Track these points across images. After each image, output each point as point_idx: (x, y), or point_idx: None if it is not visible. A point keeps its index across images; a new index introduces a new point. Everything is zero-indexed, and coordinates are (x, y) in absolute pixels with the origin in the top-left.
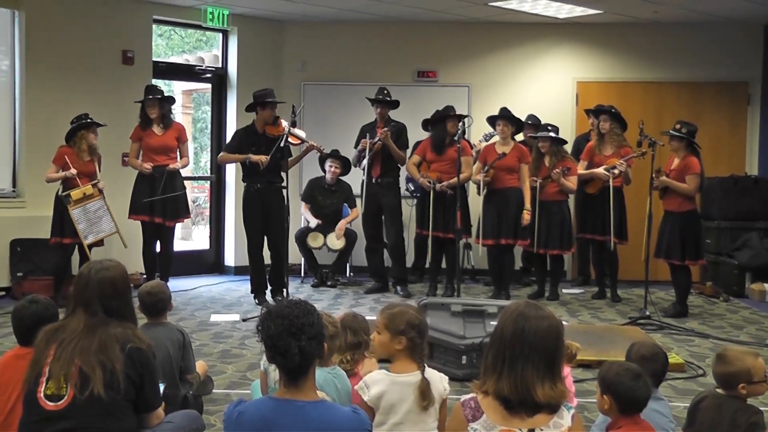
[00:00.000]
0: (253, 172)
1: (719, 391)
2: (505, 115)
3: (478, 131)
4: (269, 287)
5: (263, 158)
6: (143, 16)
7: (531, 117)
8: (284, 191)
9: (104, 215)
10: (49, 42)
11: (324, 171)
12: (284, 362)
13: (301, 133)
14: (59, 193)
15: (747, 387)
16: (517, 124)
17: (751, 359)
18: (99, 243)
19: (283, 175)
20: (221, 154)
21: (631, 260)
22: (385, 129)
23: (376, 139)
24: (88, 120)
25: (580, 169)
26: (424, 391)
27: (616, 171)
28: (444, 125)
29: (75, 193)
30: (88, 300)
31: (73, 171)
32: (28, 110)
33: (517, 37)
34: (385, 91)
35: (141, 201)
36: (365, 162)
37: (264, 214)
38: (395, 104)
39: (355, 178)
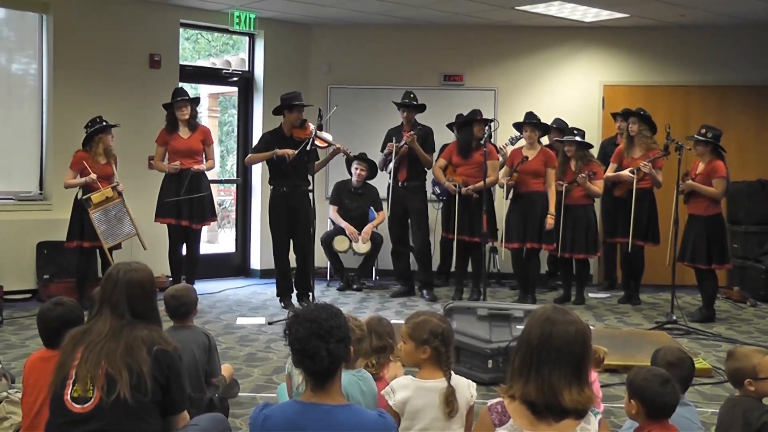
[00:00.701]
0: (280, 174)
1: (736, 394)
2: (530, 120)
3: (504, 135)
4: (295, 291)
5: (289, 151)
6: (170, 20)
7: (557, 121)
8: (311, 194)
9: (124, 218)
10: (76, 46)
11: (350, 174)
12: (312, 365)
13: (328, 136)
14: (79, 196)
15: (754, 383)
16: (543, 129)
17: (758, 356)
18: (118, 246)
19: (310, 178)
20: (248, 156)
21: (657, 264)
22: (412, 132)
23: (403, 142)
24: (104, 123)
25: (610, 171)
26: (449, 398)
27: (641, 172)
28: (470, 129)
29: (95, 197)
30: (115, 302)
31: (93, 176)
32: (55, 113)
33: (544, 40)
34: (412, 95)
35: (168, 203)
36: (391, 165)
37: (290, 218)
38: (422, 108)
39: (382, 182)
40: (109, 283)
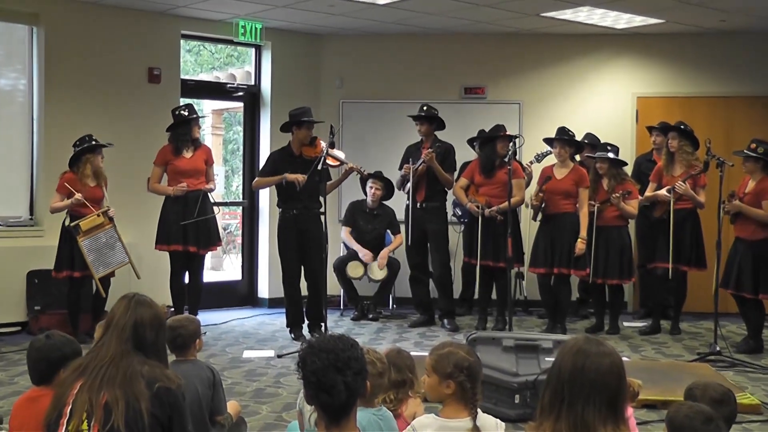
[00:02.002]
0: (289, 196)
1: None
2: (562, 137)
3: (529, 152)
4: (306, 321)
5: (300, 177)
6: (171, 30)
7: (589, 136)
8: (322, 217)
9: (116, 245)
10: (68, 60)
11: (365, 194)
12: (329, 400)
13: (340, 155)
14: (66, 223)
15: None
16: (575, 146)
17: None
18: (110, 275)
19: (322, 199)
20: (256, 179)
21: (698, 290)
22: (430, 150)
23: (419, 162)
24: (93, 142)
25: (649, 191)
26: None
27: (677, 192)
28: (493, 146)
29: (85, 223)
30: (123, 326)
31: (79, 196)
32: (46, 132)
33: (572, 49)
34: (425, 107)
35: (173, 227)
36: (409, 185)
37: (301, 242)
38: (435, 119)
39: (399, 202)
40: (120, 306)
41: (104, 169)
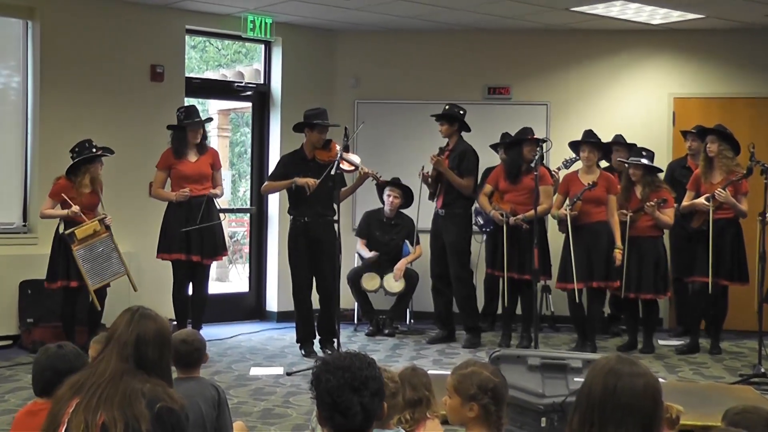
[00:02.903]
0: (301, 202)
1: None
2: (590, 140)
3: (557, 156)
4: (318, 336)
5: (311, 181)
6: (174, 25)
7: (619, 137)
8: (336, 225)
9: (112, 255)
10: (66, 56)
11: (382, 202)
12: (344, 422)
13: (356, 159)
14: (60, 230)
15: None
16: (604, 150)
17: None
18: (106, 286)
19: (335, 206)
20: (265, 183)
21: (741, 306)
22: (437, 154)
23: (427, 169)
24: (93, 150)
25: (686, 201)
26: None
27: (716, 201)
28: (520, 150)
29: (80, 231)
30: (124, 341)
31: (76, 209)
32: (41, 134)
33: (604, 46)
34: (446, 107)
35: (176, 235)
36: (431, 191)
37: (312, 252)
38: (459, 120)
39: (425, 211)
40: (122, 319)
41: (101, 175)
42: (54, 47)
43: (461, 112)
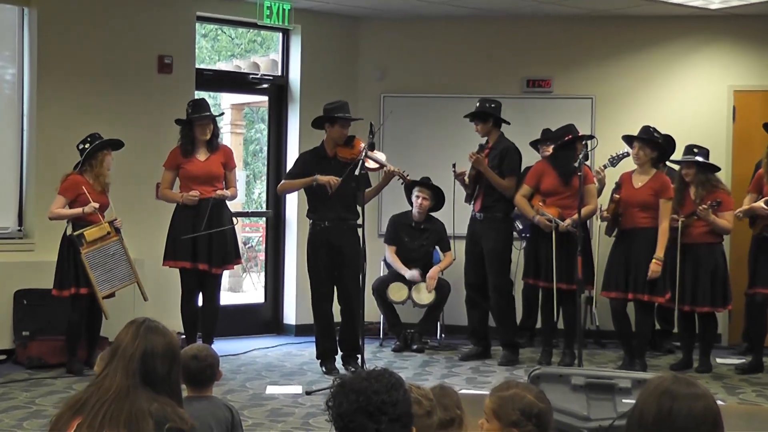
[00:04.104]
0: (321, 204)
1: None
2: (643, 135)
3: (602, 155)
4: (339, 352)
5: (333, 179)
6: (184, 12)
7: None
8: (360, 230)
9: (121, 261)
10: (65, 46)
11: (411, 204)
12: None
13: (381, 157)
14: (68, 232)
15: None
16: (659, 149)
17: None
18: (111, 295)
19: (359, 209)
20: (282, 182)
21: None
22: (476, 152)
23: (460, 166)
24: (104, 139)
25: (747, 203)
26: None
27: None
28: (573, 149)
29: (90, 233)
30: (130, 354)
31: (95, 205)
32: (39, 130)
33: (655, 34)
34: (477, 104)
35: (182, 241)
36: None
37: (333, 259)
38: (491, 114)
39: (464, 215)
40: (127, 332)
41: (109, 176)
42: (52, 36)
43: (492, 105)
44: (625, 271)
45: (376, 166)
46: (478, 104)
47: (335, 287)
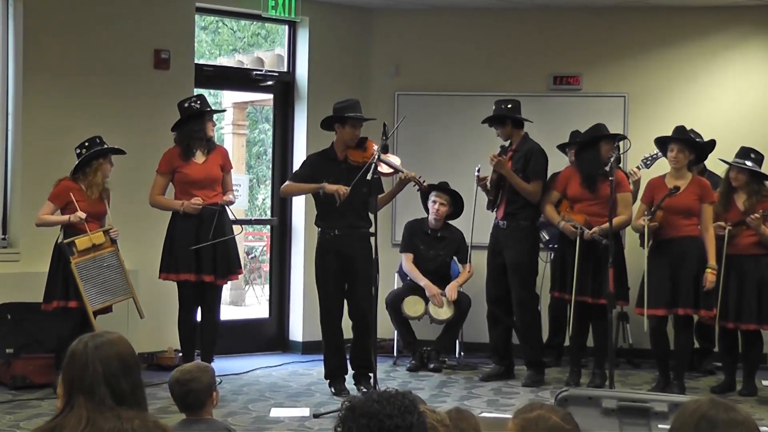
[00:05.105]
0: (330, 211)
1: None
2: (680, 136)
3: (636, 157)
4: (350, 371)
5: (342, 188)
6: (182, 3)
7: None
8: (372, 239)
9: (116, 274)
10: (54, 40)
11: (426, 210)
12: None
13: (395, 160)
14: (59, 240)
15: None
16: (698, 151)
17: None
18: (107, 310)
19: (371, 217)
20: (285, 184)
21: None
22: (497, 155)
23: (484, 171)
24: (105, 146)
25: None
26: None
27: None
28: (596, 151)
29: (81, 242)
30: (91, 385)
31: (82, 215)
32: (24, 131)
33: (693, 26)
34: (493, 106)
35: (183, 252)
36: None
37: (344, 270)
38: (507, 117)
39: (486, 223)
40: (76, 364)
41: (109, 182)
42: (40, 28)
43: (509, 106)
44: (672, 286)
45: (390, 170)
46: (494, 107)
47: (346, 301)
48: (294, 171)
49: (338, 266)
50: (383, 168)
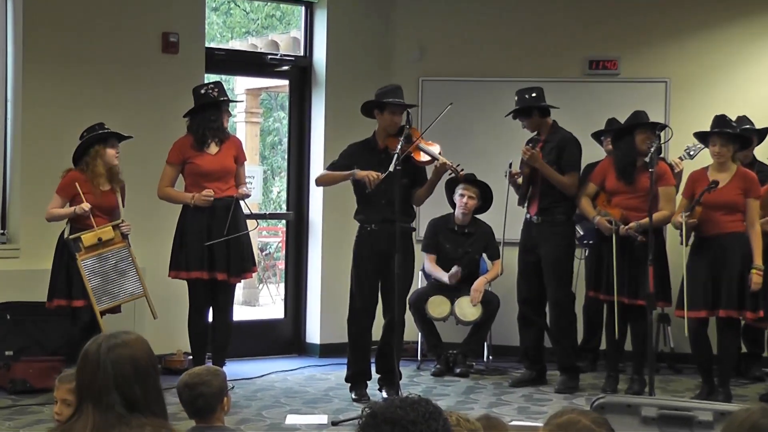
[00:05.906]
0: (366, 204)
1: None
2: (721, 128)
3: (678, 147)
4: (374, 376)
5: (372, 174)
6: None
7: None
8: (413, 234)
9: (128, 270)
10: (56, 27)
11: (452, 205)
12: None
13: (434, 149)
14: (65, 235)
15: None
16: (741, 142)
17: None
18: (116, 309)
19: (413, 209)
20: (320, 173)
21: None
22: (530, 146)
23: (514, 168)
24: (105, 130)
25: None
26: None
27: None
28: (632, 139)
29: (87, 237)
30: (100, 391)
31: (86, 206)
32: (25, 121)
33: (740, 6)
34: (515, 98)
35: (195, 248)
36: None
37: (380, 268)
38: (533, 108)
39: (509, 218)
40: (88, 367)
41: (121, 172)
42: (41, 16)
43: (533, 95)
44: (713, 286)
45: (428, 158)
46: (515, 98)
47: (380, 299)
48: (333, 160)
49: (373, 263)
50: (421, 156)
